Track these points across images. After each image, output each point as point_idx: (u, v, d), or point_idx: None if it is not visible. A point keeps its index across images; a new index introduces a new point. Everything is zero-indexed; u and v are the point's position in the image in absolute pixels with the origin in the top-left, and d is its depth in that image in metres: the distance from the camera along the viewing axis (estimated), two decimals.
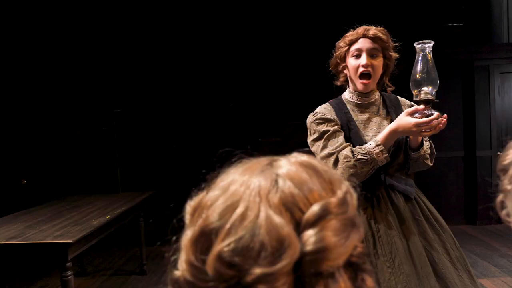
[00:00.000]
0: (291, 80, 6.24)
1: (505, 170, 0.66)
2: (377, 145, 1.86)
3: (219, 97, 6.70)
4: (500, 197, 0.68)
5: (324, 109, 2.05)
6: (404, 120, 1.84)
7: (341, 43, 2.04)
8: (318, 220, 0.52)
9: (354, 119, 2.03)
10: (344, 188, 0.58)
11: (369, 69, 1.96)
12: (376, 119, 2.03)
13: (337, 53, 2.06)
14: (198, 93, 6.67)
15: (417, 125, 1.80)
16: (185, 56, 6.62)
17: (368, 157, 1.84)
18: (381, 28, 2.02)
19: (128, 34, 6.49)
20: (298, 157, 0.62)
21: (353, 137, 1.98)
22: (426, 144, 2.02)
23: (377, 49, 1.98)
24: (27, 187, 5.64)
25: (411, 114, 1.84)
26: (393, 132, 1.86)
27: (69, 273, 3.04)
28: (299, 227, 0.52)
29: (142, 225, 4.65)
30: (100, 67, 6.50)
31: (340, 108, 2.05)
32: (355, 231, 0.54)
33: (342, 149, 1.90)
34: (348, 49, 2.01)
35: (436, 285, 1.80)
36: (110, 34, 6.46)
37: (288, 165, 0.58)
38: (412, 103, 1.98)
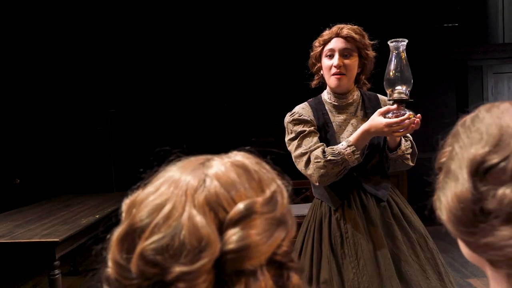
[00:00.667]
0: (285, 81, 6.25)
1: (441, 168, 0.68)
2: (348, 146, 1.86)
3: (213, 97, 6.71)
4: (435, 196, 0.70)
5: (302, 109, 2.06)
6: (376, 120, 1.83)
7: (316, 43, 2.05)
8: (242, 219, 0.53)
9: (331, 120, 2.03)
10: (274, 187, 0.59)
11: (342, 69, 1.96)
12: (353, 121, 2.03)
13: (312, 54, 2.06)
14: (193, 93, 6.68)
15: (388, 125, 1.80)
16: (179, 57, 6.64)
17: (339, 157, 1.85)
18: (355, 27, 2.01)
19: (122, 34, 6.51)
20: (232, 156, 0.63)
21: (329, 138, 1.99)
22: (406, 144, 2.01)
23: (351, 48, 1.97)
24: (21, 186, 5.66)
25: (384, 114, 1.84)
26: (366, 133, 1.86)
27: (56, 272, 3.07)
28: (223, 226, 0.53)
29: None
30: (95, 67, 6.52)
31: (318, 109, 2.05)
32: (281, 230, 0.56)
33: (315, 149, 1.90)
34: (322, 49, 2.01)
35: (398, 287, 1.82)
36: (105, 34, 6.48)
37: (219, 165, 0.59)
38: None
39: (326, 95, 2.09)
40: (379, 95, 2.14)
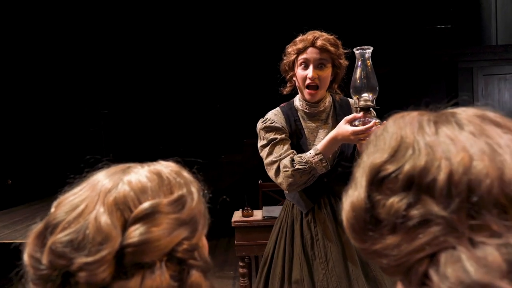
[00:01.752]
0: (277, 82, 6.28)
1: None
2: (316, 154, 1.88)
3: (206, 98, 6.75)
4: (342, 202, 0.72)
5: (274, 116, 2.08)
6: (342, 128, 1.85)
7: (290, 49, 2.04)
8: (145, 217, 0.59)
9: (303, 127, 2.05)
10: (183, 191, 0.65)
11: (316, 81, 1.96)
12: (324, 128, 2.05)
13: (285, 61, 2.07)
14: (186, 94, 6.73)
15: (354, 133, 1.81)
16: (172, 58, 6.68)
17: (307, 166, 1.88)
18: (331, 37, 1.99)
19: (116, 35, 6.55)
20: (152, 165, 0.70)
21: (301, 145, 2.02)
22: None
23: (325, 59, 1.96)
24: (13, 187, 5.71)
25: (350, 121, 1.86)
26: (333, 140, 1.88)
27: None
28: (127, 224, 0.59)
29: None
30: (88, 68, 6.56)
31: (290, 115, 2.07)
32: (184, 229, 0.61)
33: (284, 157, 1.93)
34: (297, 57, 2.00)
35: (365, 286, 1.88)
36: (98, 36, 6.53)
37: (137, 171, 0.66)
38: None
39: (298, 102, 2.11)
40: (351, 100, 2.16)
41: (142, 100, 6.69)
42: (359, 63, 1.89)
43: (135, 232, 0.58)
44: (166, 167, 0.69)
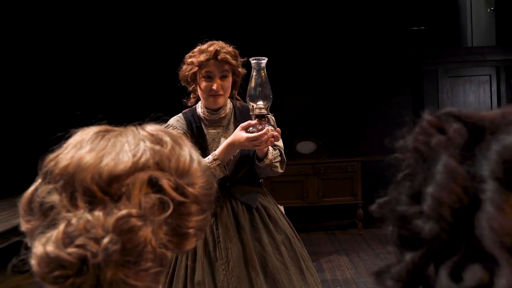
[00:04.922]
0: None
1: None
2: (214, 159, 2.00)
3: (179, 99, 6.83)
4: None
5: (177, 122, 2.20)
6: (238, 134, 1.98)
7: (191, 59, 2.16)
8: None
9: (205, 133, 2.17)
10: None
11: (220, 92, 2.11)
12: (225, 134, 2.17)
13: (186, 73, 2.18)
14: (158, 96, 6.80)
15: (249, 139, 1.94)
16: (146, 59, 6.75)
17: None
18: (231, 48, 2.13)
19: (88, 36, 6.63)
20: None
21: (202, 151, 2.12)
22: (275, 153, 2.14)
23: (227, 69, 2.11)
24: None
25: (246, 128, 1.97)
26: (230, 146, 2.00)
27: None
28: None
29: None
30: (61, 68, 6.64)
31: (193, 121, 2.19)
32: None
33: None
34: (199, 69, 2.12)
35: (263, 285, 1.98)
36: (71, 36, 6.60)
37: None
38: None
39: (199, 109, 2.22)
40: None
41: (115, 102, 6.77)
42: (254, 72, 2.00)
43: None
44: None
